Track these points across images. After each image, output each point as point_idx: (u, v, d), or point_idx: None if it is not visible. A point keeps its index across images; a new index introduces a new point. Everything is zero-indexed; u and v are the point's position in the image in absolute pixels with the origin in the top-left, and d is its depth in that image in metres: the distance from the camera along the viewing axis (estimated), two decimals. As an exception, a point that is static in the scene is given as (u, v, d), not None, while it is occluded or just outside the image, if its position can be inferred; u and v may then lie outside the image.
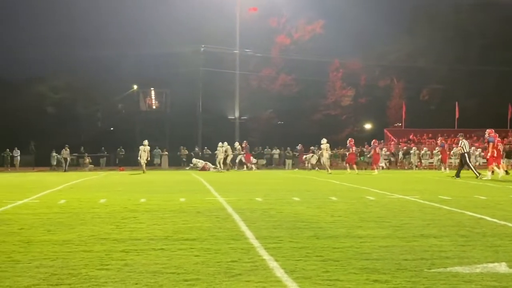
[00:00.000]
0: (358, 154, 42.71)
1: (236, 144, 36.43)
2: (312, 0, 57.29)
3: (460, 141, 25.45)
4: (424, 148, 43.13)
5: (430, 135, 51.14)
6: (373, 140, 33.16)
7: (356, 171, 30.99)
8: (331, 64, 60.48)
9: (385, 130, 55.65)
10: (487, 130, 24.79)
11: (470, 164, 24.78)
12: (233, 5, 50.80)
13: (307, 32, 59.99)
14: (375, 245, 6.59)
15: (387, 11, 58.71)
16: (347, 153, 32.99)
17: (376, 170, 30.99)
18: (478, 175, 23.36)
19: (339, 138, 54.01)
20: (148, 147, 34.06)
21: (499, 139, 26.05)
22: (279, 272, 5.18)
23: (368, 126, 63.06)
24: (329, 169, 31.99)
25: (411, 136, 50.90)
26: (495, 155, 23.80)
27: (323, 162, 33.40)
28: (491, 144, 23.82)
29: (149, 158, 34.90)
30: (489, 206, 11.18)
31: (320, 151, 34.18)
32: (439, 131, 51.65)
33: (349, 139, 32.34)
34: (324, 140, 32.52)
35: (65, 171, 38.99)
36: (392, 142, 50.91)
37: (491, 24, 55.18)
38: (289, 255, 5.97)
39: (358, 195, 13.84)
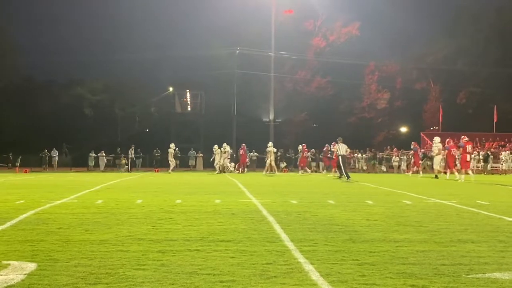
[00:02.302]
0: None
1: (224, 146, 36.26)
2: (348, 2, 57.11)
3: (336, 145, 26.75)
4: (457, 152, 42.43)
5: (467, 139, 50.31)
6: (302, 145, 35.57)
7: (337, 174, 31.21)
8: (367, 66, 60.16)
9: (422, 134, 55.00)
10: (462, 136, 27.42)
11: (341, 167, 25.95)
12: (268, 8, 50.86)
13: (343, 35, 59.77)
14: (412, 249, 6.52)
15: (424, 13, 58.20)
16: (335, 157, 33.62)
17: (300, 171, 34.10)
18: (347, 178, 24.77)
19: (375, 141, 53.65)
20: (173, 150, 36.91)
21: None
22: (315, 275, 5.16)
23: (404, 129, 62.43)
24: (276, 171, 33.49)
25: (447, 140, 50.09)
26: (467, 159, 26.12)
27: (268, 165, 33.71)
28: (460, 149, 26.26)
29: (172, 159, 37.19)
30: (529, 211, 10.95)
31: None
32: (477, 135, 50.91)
33: (334, 143, 32.73)
34: (270, 144, 33.45)
35: (129, 171, 39.72)
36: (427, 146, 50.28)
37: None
38: (324, 258, 5.94)
39: (394, 199, 13.70)
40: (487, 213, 10.52)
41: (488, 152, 42.44)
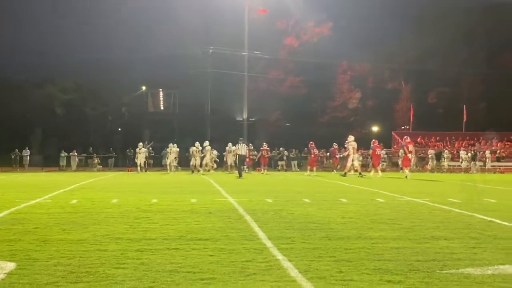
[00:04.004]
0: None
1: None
2: (321, 2, 57.27)
3: (238, 144, 28.80)
4: (430, 151, 42.96)
5: (437, 138, 51.11)
6: (264, 144, 37.22)
7: (313, 172, 32.92)
8: (339, 66, 60.52)
9: (393, 133, 55.57)
10: (404, 137, 30.13)
11: (237, 164, 29.03)
12: (242, 7, 50.83)
13: (316, 34, 59.94)
14: (387, 246, 6.65)
15: (395, 13, 58.56)
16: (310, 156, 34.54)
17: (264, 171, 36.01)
18: (239, 177, 26.55)
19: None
20: (142, 149, 36.21)
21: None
22: (293, 272, 5.25)
23: (375, 128, 62.99)
24: (211, 170, 34.96)
25: (418, 139, 50.77)
26: (410, 158, 28.41)
27: (205, 163, 35.01)
28: (404, 148, 28.47)
29: (142, 160, 36.41)
30: (499, 209, 11.20)
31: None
32: (447, 134, 51.69)
33: (311, 142, 34.30)
34: (206, 142, 35.12)
35: (145, 171, 36.92)
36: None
37: (501, 27, 54.91)
38: (302, 256, 6.04)
39: (368, 197, 13.89)
40: (459, 210, 10.74)
41: (441, 150, 43.26)
